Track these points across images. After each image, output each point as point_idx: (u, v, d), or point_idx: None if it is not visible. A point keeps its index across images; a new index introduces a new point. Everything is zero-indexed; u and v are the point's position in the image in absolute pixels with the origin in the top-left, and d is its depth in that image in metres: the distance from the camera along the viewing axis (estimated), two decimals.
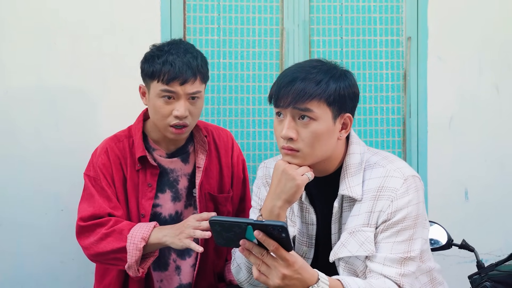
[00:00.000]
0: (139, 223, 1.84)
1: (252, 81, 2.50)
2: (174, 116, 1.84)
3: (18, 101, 2.37)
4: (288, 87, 1.52)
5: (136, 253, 1.78)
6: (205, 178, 2.00)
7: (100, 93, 2.40)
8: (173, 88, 1.82)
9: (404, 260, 1.51)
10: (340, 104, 1.54)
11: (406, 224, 1.53)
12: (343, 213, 1.61)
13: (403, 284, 1.50)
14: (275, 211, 1.55)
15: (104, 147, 1.95)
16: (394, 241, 1.52)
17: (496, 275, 1.91)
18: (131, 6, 2.41)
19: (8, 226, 2.37)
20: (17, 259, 2.37)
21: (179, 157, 1.99)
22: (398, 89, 2.55)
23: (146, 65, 1.87)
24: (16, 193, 2.37)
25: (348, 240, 1.56)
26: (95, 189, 1.90)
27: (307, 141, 1.52)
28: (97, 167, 1.91)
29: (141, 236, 1.78)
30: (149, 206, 1.92)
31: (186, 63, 1.82)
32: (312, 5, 2.51)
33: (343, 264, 1.58)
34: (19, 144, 2.37)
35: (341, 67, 1.59)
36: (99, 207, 1.87)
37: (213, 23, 2.48)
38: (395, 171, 1.56)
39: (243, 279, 1.70)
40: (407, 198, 1.53)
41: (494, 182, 2.58)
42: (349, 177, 1.58)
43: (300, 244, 1.69)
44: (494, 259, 2.43)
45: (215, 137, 2.07)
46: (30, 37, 2.37)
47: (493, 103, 2.58)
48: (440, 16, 2.54)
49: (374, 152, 1.65)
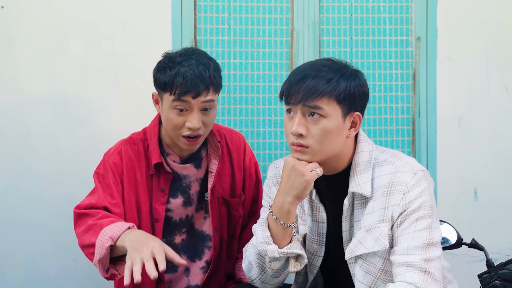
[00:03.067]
0: (118, 222, 1.74)
1: (262, 81, 2.52)
2: (187, 128, 1.82)
3: (31, 103, 2.40)
4: (299, 84, 1.54)
5: (101, 251, 1.69)
6: (218, 182, 2.00)
7: (112, 94, 2.42)
8: (186, 100, 1.79)
9: (427, 245, 1.52)
10: (350, 103, 1.55)
11: (423, 212, 1.54)
12: (355, 211, 1.63)
13: (429, 269, 1.49)
14: (285, 207, 1.57)
15: (118, 148, 1.95)
16: (414, 230, 1.53)
17: (506, 274, 1.92)
18: (142, 7, 2.43)
19: (21, 226, 2.40)
20: (31, 258, 2.40)
21: (192, 163, 1.98)
22: (407, 89, 2.56)
23: (159, 75, 1.83)
24: (29, 194, 2.40)
25: (365, 237, 1.58)
26: (101, 185, 1.89)
27: (316, 138, 1.54)
28: (107, 165, 1.91)
29: (110, 235, 1.69)
30: (163, 210, 1.93)
31: (198, 75, 1.77)
32: (322, 6, 2.52)
33: (361, 262, 1.60)
34: (32, 145, 2.40)
35: (351, 66, 1.61)
36: (98, 200, 1.84)
37: (223, 23, 2.50)
38: (403, 166, 1.58)
39: (254, 276, 1.71)
40: (419, 189, 1.55)
41: (503, 181, 2.59)
42: (358, 174, 1.60)
43: (311, 242, 1.70)
44: (503, 258, 2.44)
45: (228, 141, 2.07)
46: (42, 39, 2.39)
47: (502, 102, 2.59)
48: (449, 16, 2.55)
49: (382, 150, 1.67)
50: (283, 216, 1.58)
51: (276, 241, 1.60)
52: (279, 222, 1.58)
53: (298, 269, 1.64)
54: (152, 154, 1.92)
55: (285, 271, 1.66)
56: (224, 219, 2.02)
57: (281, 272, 1.66)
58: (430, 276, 1.49)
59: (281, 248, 1.60)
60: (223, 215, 2.02)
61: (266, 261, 1.65)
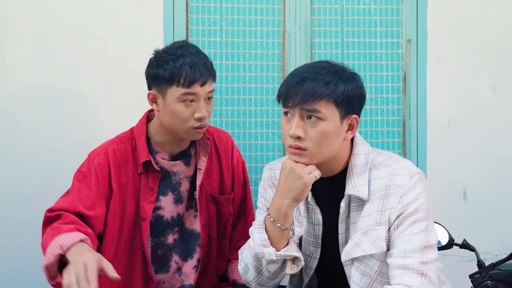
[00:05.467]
0: (74, 233, 1.66)
1: (254, 82, 2.52)
2: (196, 119, 1.83)
3: (22, 102, 2.37)
4: (297, 87, 1.54)
5: (50, 258, 1.63)
6: (206, 179, 2.00)
7: (103, 95, 2.41)
8: (194, 90, 1.81)
9: (424, 248, 1.52)
10: (347, 105, 1.56)
11: (419, 215, 1.55)
12: (351, 213, 1.63)
13: (426, 271, 1.50)
14: (282, 209, 1.57)
15: (105, 148, 1.93)
16: (411, 232, 1.53)
17: (497, 274, 1.94)
18: (134, 8, 2.42)
19: (10, 226, 2.37)
20: (19, 258, 2.38)
21: (181, 160, 1.98)
22: (398, 91, 2.59)
23: (160, 70, 1.82)
24: (18, 193, 2.37)
25: (362, 240, 1.58)
26: (80, 184, 1.85)
27: (314, 140, 1.54)
28: (91, 165, 1.88)
29: (61, 243, 1.62)
30: (150, 209, 1.92)
31: (202, 64, 1.82)
32: (314, 8, 2.53)
33: (357, 265, 1.60)
34: (22, 144, 2.37)
35: (348, 69, 1.62)
36: (71, 203, 1.80)
37: (215, 25, 2.50)
38: (400, 169, 1.59)
39: (251, 278, 1.71)
40: (416, 192, 1.56)
41: (492, 182, 2.63)
42: (355, 177, 1.60)
43: (307, 244, 1.71)
44: (492, 258, 2.47)
45: (216, 139, 2.07)
46: (33, 39, 2.37)
47: (490, 105, 2.63)
48: (439, 19, 2.58)
49: (379, 152, 1.68)
50: (280, 219, 1.58)
51: (273, 243, 1.59)
52: (276, 225, 1.58)
53: (295, 272, 1.64)
54: (140, 153, 1.91)
55: (282, 273, 1.66)
56: (213, 217, 2.02)
57: (277, 274, 1.66)
58: (427, 278, 1.50)
59: (278, 250, 1.59)
60: (212, 212, 2.02)
61: (263, 263, 1.64)
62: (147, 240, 1.93)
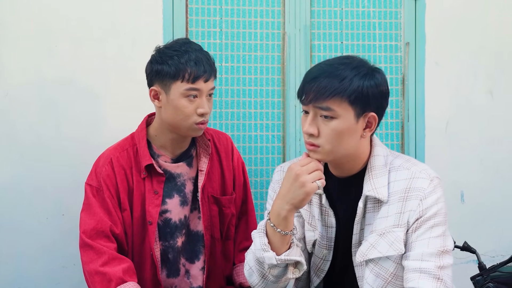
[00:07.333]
0: (128, 283, 1.79)
1: (254, 85, 2.51)
2: (198, 115, 1.85)
3: (19, 103, 2.33)
4: (312, 83, 1.53)
5: None
6: (208, 181, 2.00)
7: (101, 96, 2.38)
8: (198, 86, 1.83)
9: (441, 253, 1.53)
10: (363, 103, 1.53)
11: (438, 220, 1.55)
12: (366, 214, 1.63)
13: (442, 276, 1.50)
14: (282, 214, 1.56)
15: (108, 157, 1.93)
16: (429, 236, 1.54)
17: (498, 276, 1.96)
18: (133, 9, 2.40)
19: (8, 230, 2.33)
20: (18, 263, 2.34)
21: (184, 161, 1.98)
22: (396, 93, 2.60)
23: (164, 66, 1.84)
24: (16, 197, 2.33)
25: (378, 241, 1.58)
26: (96, 200, 1.88)
27: (327, 138, 1.54)
28: (100, 178, 1.89)
29: None
30: (156, 213, 1.91)
31: (206, 60, 1.85)
32: (313, 10, 2.53)
33: (372, 266, 1.60)
34: (19, 146, 2.33)
35: (370, 65, 1.58)
36: (100, 221, 1.85)
37: (215, 26, 2.49)
38: (420, 172, 1.60)
39: (255, 282, 1.69)
40: (436, 196, 1.57)
41: (489, 185, 2.65)
42: (374, 178, 1.60)
43: (321, 247, 1.70)
44: (488, 260, 2.49)
45: (216, 141, 2.07)
46: (31, 39, 2.33)
47: (488, 107, 2.64)
48: (437, 22, 2.59)
49: (396, 155, 1.68)
50: (280, 224, 1.56)
51: (274, 248, 1.58)
52: (276, 230, 1.57)
53: (297, 276, 1.63)
54: (142, 157, 1.91)
55: (285, 277, 1.65)
56: (216, 218, 2.02)
57: (281, 278, 1.65)
58: (443, 283, 1.50)
59: (279, 254, 1.58)
60: (214, 213, 2.02)
61: (265, 267, 1.63)
62: (155, 244, 1.92)
